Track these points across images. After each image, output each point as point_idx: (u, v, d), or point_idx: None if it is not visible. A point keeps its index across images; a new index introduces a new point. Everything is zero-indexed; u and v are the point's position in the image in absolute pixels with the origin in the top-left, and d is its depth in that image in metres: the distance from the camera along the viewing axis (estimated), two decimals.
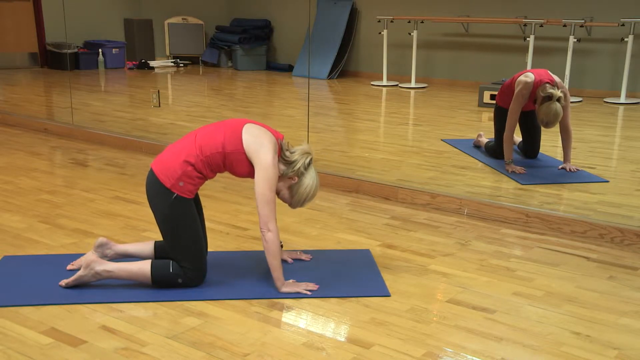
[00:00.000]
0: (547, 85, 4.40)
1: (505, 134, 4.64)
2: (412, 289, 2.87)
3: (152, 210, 2.82)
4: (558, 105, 4.30)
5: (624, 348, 2.41)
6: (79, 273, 2.78)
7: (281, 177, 2.84)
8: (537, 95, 4.44)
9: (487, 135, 5.32)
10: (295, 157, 2.83)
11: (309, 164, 2.86)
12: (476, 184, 4.37)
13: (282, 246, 3.17)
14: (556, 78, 4.51)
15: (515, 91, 4.53)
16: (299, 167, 2.82)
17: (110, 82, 9.54)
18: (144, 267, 2.79)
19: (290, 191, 2.87)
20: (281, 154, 2.83)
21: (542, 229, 3.67)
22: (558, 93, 4.32)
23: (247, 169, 2.80)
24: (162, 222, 2.79)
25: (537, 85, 4.44)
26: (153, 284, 2.80)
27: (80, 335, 2.44)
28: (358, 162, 4.93)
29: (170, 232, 2.78)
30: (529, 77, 4.49)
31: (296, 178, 2.84)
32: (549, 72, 4.54)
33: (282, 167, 2.83)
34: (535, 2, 8.43)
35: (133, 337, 2.44)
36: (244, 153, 2.76)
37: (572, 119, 4.79)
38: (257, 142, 2.76)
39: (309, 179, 2.85)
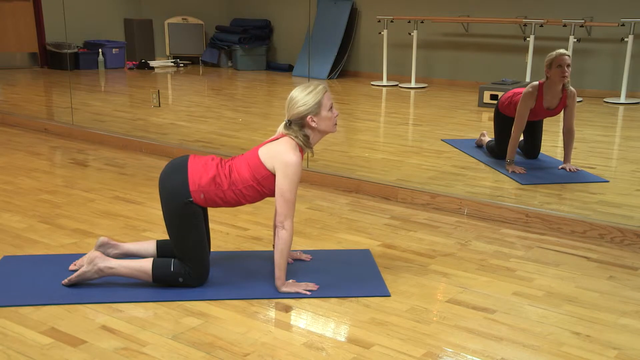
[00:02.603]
0: None
1: (512, 134, 4.64)
2: (412, 289, 2.87)
3: (161, 196, 2.82)
4: None
5: (624, 348, 2.41)
6: (82, 269, 2.79)
7: (319, 129, 2.81)
8: (546, 92, 4.52)
9: (490, 134, 5.32)
10: (294, 139, 2.79)
11: (287, 124, 2.80)
12: (476, 184, 4.37)
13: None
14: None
15: (523, 92, 4.55)
16: (297, 135, 2.78)
17: (110, 82, 9.54)
18: (145, 264, 2.80)
19: (322, 110, 2.79)
20: (296, 142, 2.80)
21: (542, 229, 3.67)
22: None
23: None
24: (169, 219, 2.79)
25: (542, 84, 4.49)
26: (154, 282, 2.81)
27: (80, 335, 2.45)
28: (358, 162, 4.93)
29: (176, 230, 2.78)
30: (534, 82, 4.58)
31: (306, 119, 2.78)
32: None
33: (303, 141, 2.80)
34: (535, 2, 8.43)
35: (133, 337, 2.44)
36: (272, 173, 2.77)
37: None
38: (273, 151, 2.77)
39: (298, 104, 2.76)
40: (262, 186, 2.80)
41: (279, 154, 2.76)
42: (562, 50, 4.49)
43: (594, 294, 2.86)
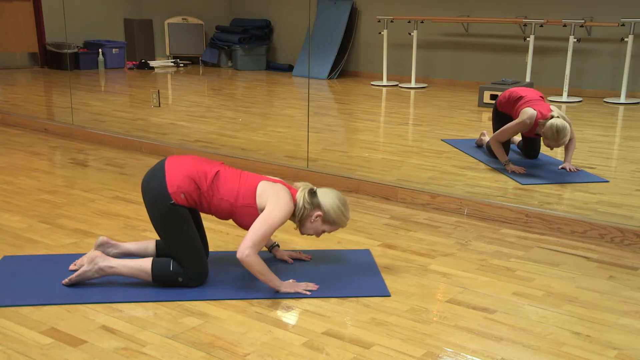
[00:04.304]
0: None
1: (491, 140, 4.70)
2: (412, 289, 2.87)
3: (145, 203, 2.82)
4: (560, 119, 4.33)
5: (624, 348, 2.41)
6: (83, 269, 2.79)
7: (309, 224, 2.84)
8: (538, 129, 4.49)
9: (490, 134, 5.32)
10: (298, 199, 2.82)
11: (312, 191, 2.84)
12: (476, 184, 4.37)
13: (278, 246, 3.18)
14: (554, 109, 4.51)
15: (519, 119, 4.51)
16: (303, 204, 2.80)
17: (110, 82, 9.54)
18: (145, 264, 2.80)
19: (328, 223, 2.86)
20: (295, 203, 2.82)
21: (542, 229, 3.67)
22: (554, 113, 4.39)
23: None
24: (157, 224, 2.79)
25: (539, 119, 4.45)
26: (153, 282, 2.81)
27: (80, 335, 2.45)
28: (358, 162, 4.93)
29: (166, 234, 2.78)
30: (532, 111, 4.47)
31: (318, 211, 2.83)
32: (549, 105, 4.56)
33: (296, 216, 2.82)
34: (535, 2, 8.43)
35: (133, 337, 2.44)
36: (256, 207, 2.76)
37: (572, 119, 4.83)
38: (272, 192, 2.78)
39: (328, 200, 2.83)
40: (236, 210, 2.78)
41: (276, 197, 2.75)
42: (558, 135, 4.31)
43: (594, 294, 2.86)
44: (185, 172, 2.76)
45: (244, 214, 2.78)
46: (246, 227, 2.81)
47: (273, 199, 2.75)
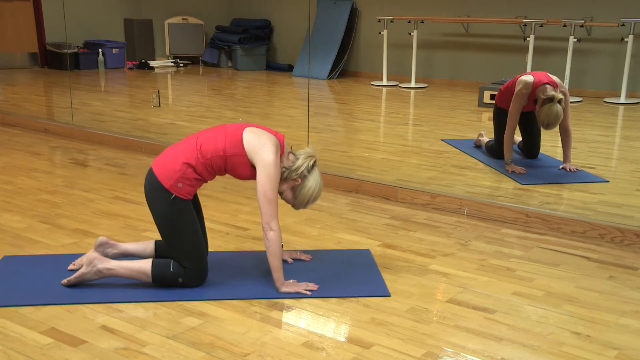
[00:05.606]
0: (548, 87, 4.41)
1: (505, 134, 4.65)
2: (412, 289, 2.87)
3: (150, 209, 2.83)
4: (559, 106, 4.31)
5: (624, 348, 2.41)
6: (81, 270, 2.79)
7: (285, 180, 2.85)
8: (537, 96, 4.45)
9: (488, 135, 5.32)
10: (299, 161, 2.84)
11: (313, 166, 2.88)
12: (476, 184, 4.37)
13: (282, 246, 3.17)
14: (555, 79, 4.51)
15: (515, 91, 4.54)
16: (302, 170, 2.83)
17: (110, 82, 9.54)
18: (144, 265, 2.80)
19: (293, 193, 2.89)
20: (283, 157, 2.84)
21: (542, 229, 3.67)
22: (559, 95, 4.32)
23: (249, 171, 2.82)
24: (161, 223, 2.79)
25: (537, 85, 4.45)
26: (153, 283, 2.81)
27: (80, 335, 2.45)
28: (358, 162, 4.93)
29: (170, 232, 2.78)
30: (528, 77, 4.51)
31: (299, 180, 2.85)
32: (547, 73, 4.55)
33: (286, 170, 2.84)
34: (535, 2, 8.43)
35: (133, 337, 2.44)
36: (246, 155, 2.77)
37: (572, 119, 4.82)
38: (258, 143, 2.78)
39: (312, 181, 2.87)
40: (227, 160, 2.78)
41: (262, 153, 2.75)
42: (548, 126, 4.39)
43: (594, 294, 2.86)
44: (173, 162, 2.77)
45: (235, 164, 2.80)
46: (240, 176, 2.85)
47: (261, 152, 2.75)
